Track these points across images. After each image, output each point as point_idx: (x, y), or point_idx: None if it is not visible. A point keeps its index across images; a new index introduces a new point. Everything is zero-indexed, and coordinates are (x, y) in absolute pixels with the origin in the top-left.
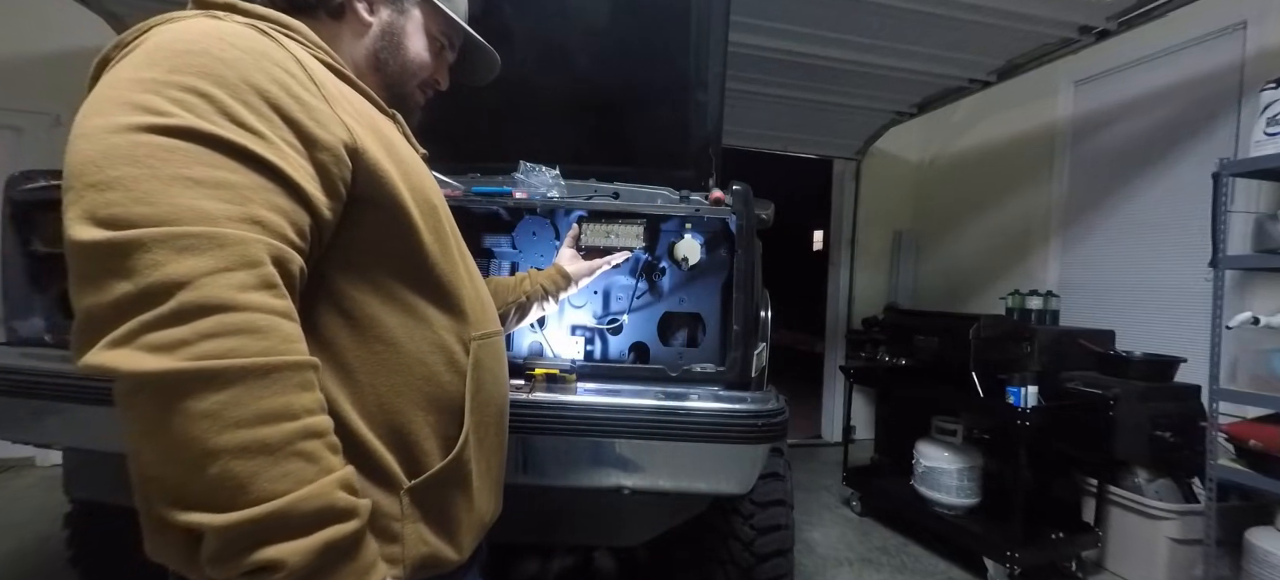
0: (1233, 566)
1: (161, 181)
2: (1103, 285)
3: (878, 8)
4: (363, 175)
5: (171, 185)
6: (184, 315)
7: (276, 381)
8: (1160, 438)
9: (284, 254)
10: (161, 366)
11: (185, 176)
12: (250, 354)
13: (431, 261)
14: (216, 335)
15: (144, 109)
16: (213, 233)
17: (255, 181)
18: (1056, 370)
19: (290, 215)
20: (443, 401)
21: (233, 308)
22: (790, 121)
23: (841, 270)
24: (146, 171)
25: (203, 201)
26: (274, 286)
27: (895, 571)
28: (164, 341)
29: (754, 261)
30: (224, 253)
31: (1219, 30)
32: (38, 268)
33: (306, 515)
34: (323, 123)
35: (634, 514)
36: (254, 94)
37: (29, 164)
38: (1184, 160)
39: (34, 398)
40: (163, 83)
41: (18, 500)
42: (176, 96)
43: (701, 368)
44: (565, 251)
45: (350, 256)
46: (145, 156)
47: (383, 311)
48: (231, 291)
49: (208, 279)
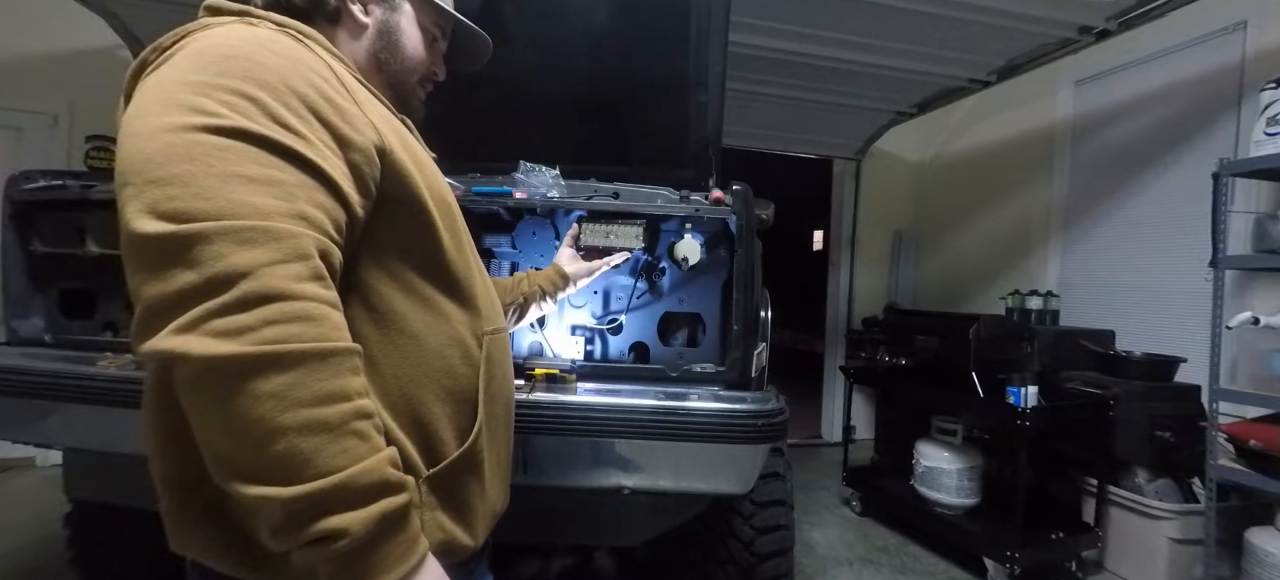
0: (1233, 566)
1: (218, 178)
2: (1103, 285)
3: (878, 8)
4: (390, 174)
5: (227, 182)
6: (247, 303)
7: (332, 365)
8: (1160, 438)
9: (328, 248)
10: (230, 350)
11: (239, 174)
12: (308, 339)
13: (449, 258)
14: (277, 322)
15: (196, 110)
16: (268, 227)
17: (300, 179)
18: (1056, 370)
19: (331, 212)
20: (458, 393)
21: (290, 296)
22: (790, 121)
23: (841, 270)
24: (203, 168)
25: (256, 197)
26: (322, 278)
27: (895, 571)
28: (230, 327)
29: (754, 261)
30: (279, 245)
31: (1219, 30)
32: (38, 268)
33: (365, 488)
34: (354, 125)
35: (634, 514)
36: (294, 97)
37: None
38: (1184, 160)
39: (34, 398)
40: (211, 85)
41: (18, 500)
42: (226, 99)
43: (701, 368)
44: (564, 251)
45: (377, 252)
46: (201, 155)
47: (406, 305)
48: (288, 282)
49: (267, 269)
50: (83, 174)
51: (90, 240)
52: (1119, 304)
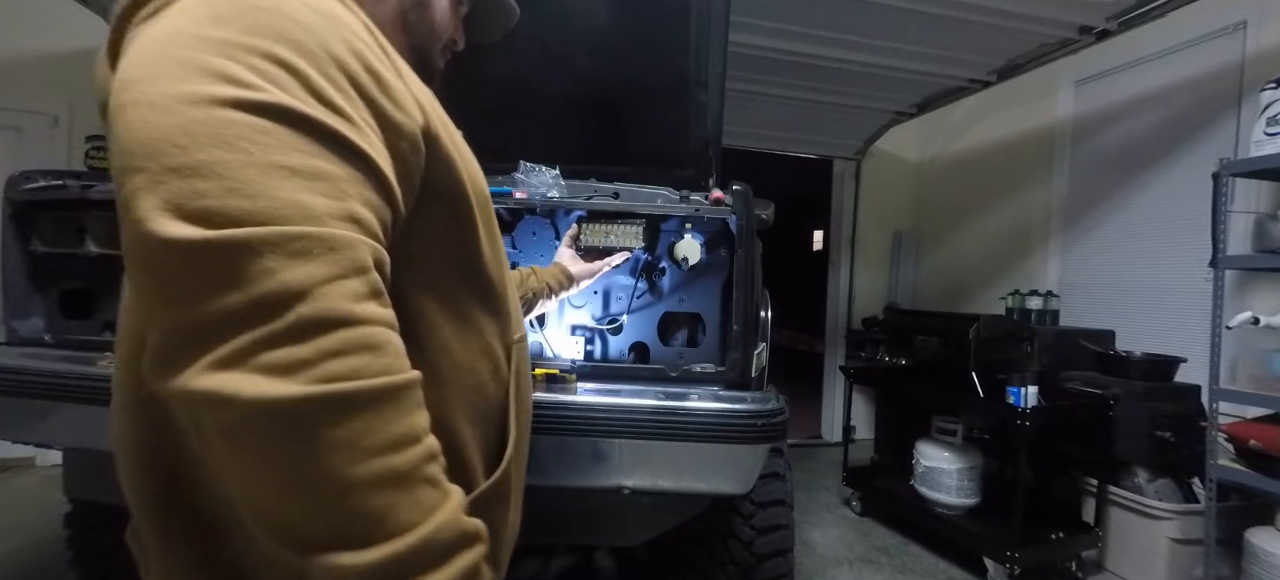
0: (1233, 566)
1: (259, 170)
2: (1103, 285)
3: (878, 8)
4: (435, 164)
5: (270, 175)
6: (305, 331)
7: (402, 402)
8: (1160, 438)
9: (382, 256)
10: (289, 392)
11: (283, 165)
12: (375, 374)
13: (485, 260)
14: (341, 354)
15: (224, 77)
16: (324, 234)
17: (348, 172)
18: (1056, 370)
19: (379, 211)
20: (487, 413)
21: (353, 321)
22: (790, 121)
23: (841, 270)
24: (241, 157)
25: (306, 196)
26: (381, 294)
27: (895, 571)
28: (285, 362)
29: (754, 261)
30: (337, 257)
31: (1219, 30)
32: (38, 268)
33: (445, 544)
34: (400, 103)
35: (634, 514)
36: (335, 67)
37: (29, 164)
38: (1184, 160)
39: (34, 398)
40: (239, 46)
41: (18, 500)
42: (259, 66)
43: (701, 368)
44: (565, 251)
45: (411, 254)
46: (236, 138)
47: (439, 316)
48: (349, 302)
49: (326, 288)
50: (83, 174)
51: (90, 240)
52: (1119, 304)
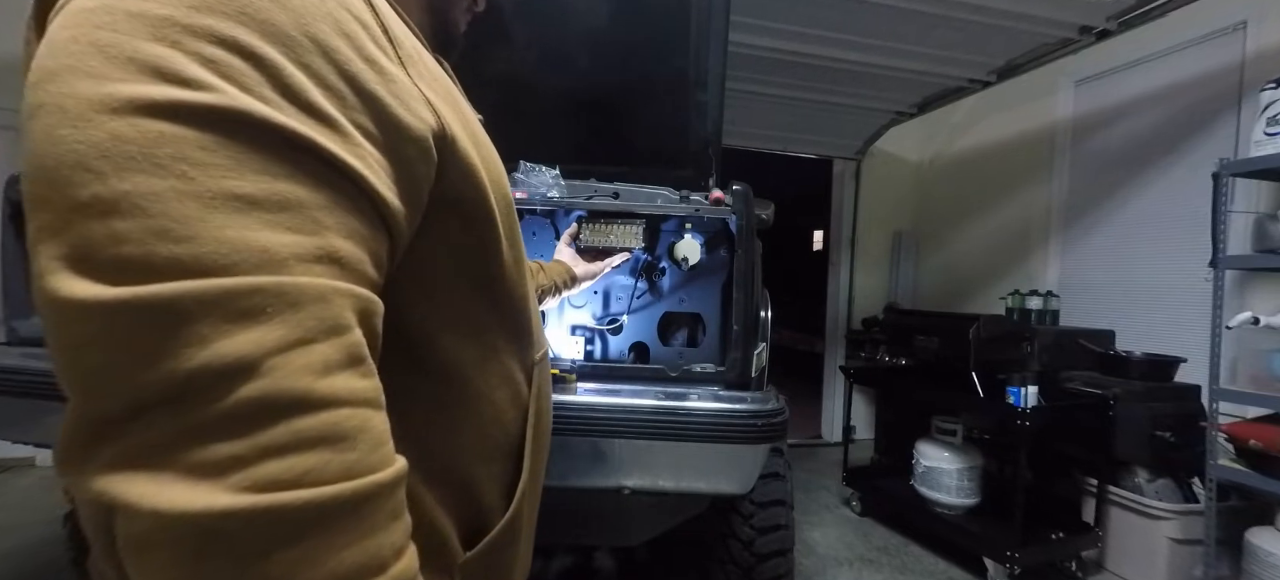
0: (1233, 566)
1: (200, 202)
2: (1103, 285)
3: (878, 8)
4: (452, 172)
5: (215, 209)
6: (241, 421)
7: (366, 517)
8: (1160, 438)
9: (369, 305)
10: (211, 504)
11: (235, 193)
12: (332, 478)
13: (507, 276)
14: (289, 451)
15: (159, 73)
16: (284, 285)
17: (326, 197)
18: (1056, 370)
19: (370, 243)
20: (504, 446)
21: (311, 405)
22: (790, 121)
23: (841, 270)
24: (175, 185)
25: (263, 234)
26: (361, 362)
27: (895, 571)
28: (213, 461)
29: (754, 261)
30: (298, 317)
31: (1219, 30)
32: None
33: None
34: (406, 100)
35: (634, 514)
36: (319, 54)
37: None
38: (1184, 160)
39: (34, 398)
40: (183, 27)
41: (18, 500)
42: (209, 55)
43: (701, 368)
44: (565, 250)
45: (421, 276)
46: (171, 159)
47: (454, 345)
48: (308, 379)
49: (278, 360)
50: None
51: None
52: (1119, 304)
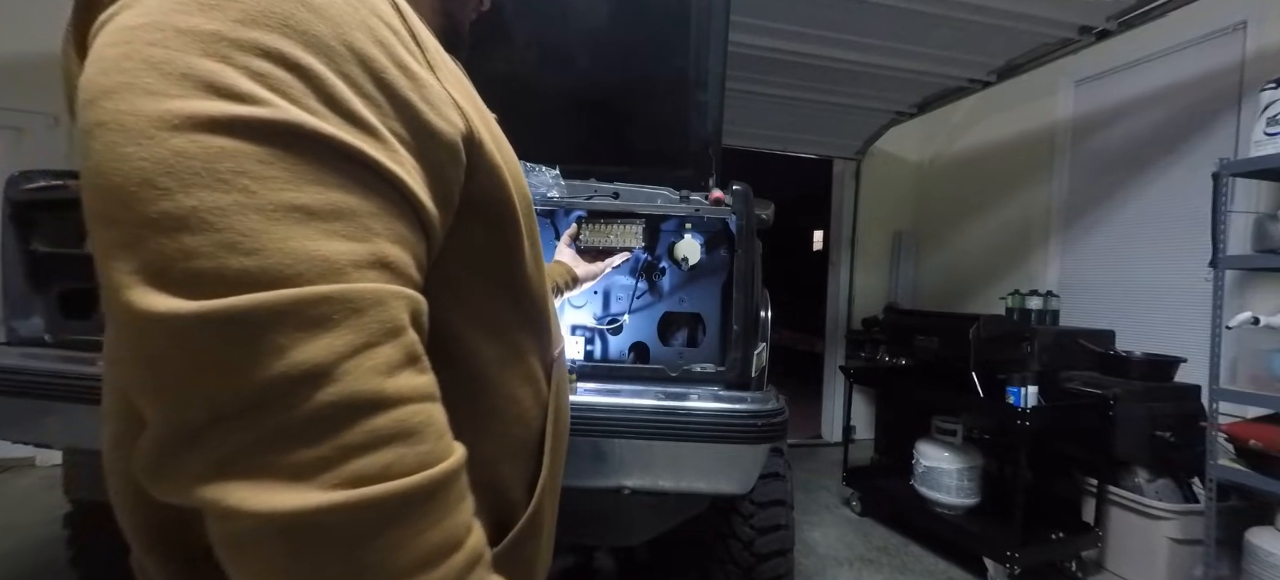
0: (1233, 566)
1: (263, 215)
2: (1103, 285)
3: (878, 8)
4: (480, 174)
5: (278, 221)
6: (325, 423)
7: (440, 501)
8: (1160, 438)
9: (418, 306)
10: (305, 503)
11: (294, 205)
12: (409, 469)
13: (528, 275)
14: (369, 448)
15: (212, 87)
16: (348, 293)
17: (374, 204)
18: (1056, 370)
19: (413, 247)
20: (528, 443)
21: (383, 404)
22: (790, 121)
23: (841, 270)
24: (239, 199)
25: (324, 245)
26: (418, 359)
27: (895, 571)
28: (300, 464)
29: (754, 261)
30: (363, 321)
31: (1219, 30)
32: (38, 268)
33: None
34: (437, 106)
35: (634, 514)
36: (357, 64)
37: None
38: (1184, 160)
39: (34, 398)
40: (232, 42)
41: (18, 500)
42: (259, 69)
43: (701, 368)
44: (565, 250)
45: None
46: (232, 174)
47: (482, 345)
48: (378, 380)
49: (350, 364)
50: None
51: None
52: (1119, 304)
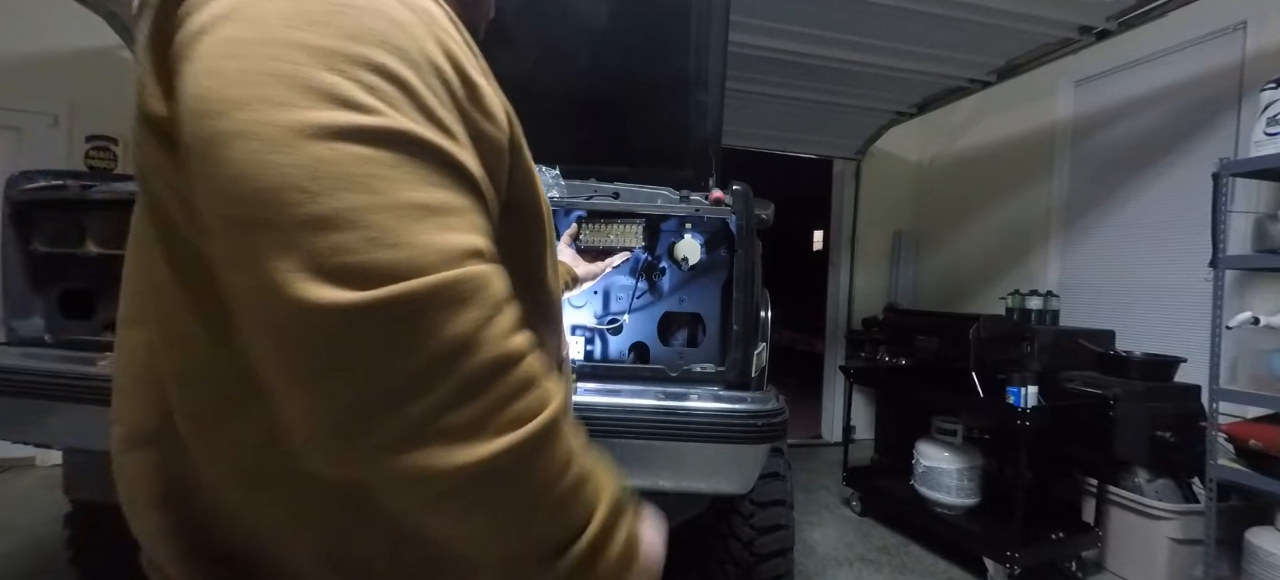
0: (1233, 566)
1: (395, 213)
2: (1103, 285)
3: (878, 8)
4: (517, 173)
5: (406, 217)
6: (478, 384)
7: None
8: (1160, 438)
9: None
10: (481, 453)
11: (415, 203)
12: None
13: (547, 273)
14: (513, 399)
15: (335, 99)
16: (468, 274)
17: (467, 199)
18: (1056, 370)
19: (489, 235)
20: None
21: (514, 361)
22: (790, 121)
23: (841, 270)
24: (374, 199)
25: (442, 236)
26: (520, 321)
27: (895, 571)
28: (471, 421)
29: (754, 261)
30: (483, 296)
31: (1219, 30)
32: (38, 268)
33: (621, 495)
34: (491, 113)
35: None
36: (435, 75)
37: (29, 164)
38: (1184, 160)
39: (34, 398)
40: (344, 56)
41: (18, 500)
42: (369, 82)
43: (701, 368)
44: (565, 250)
45: None
46: (366, 178)
47: None
48: (506, 341)
49: (485, 333)
50: (83, 174)
51: (90, 240)
52: (1119, 304)
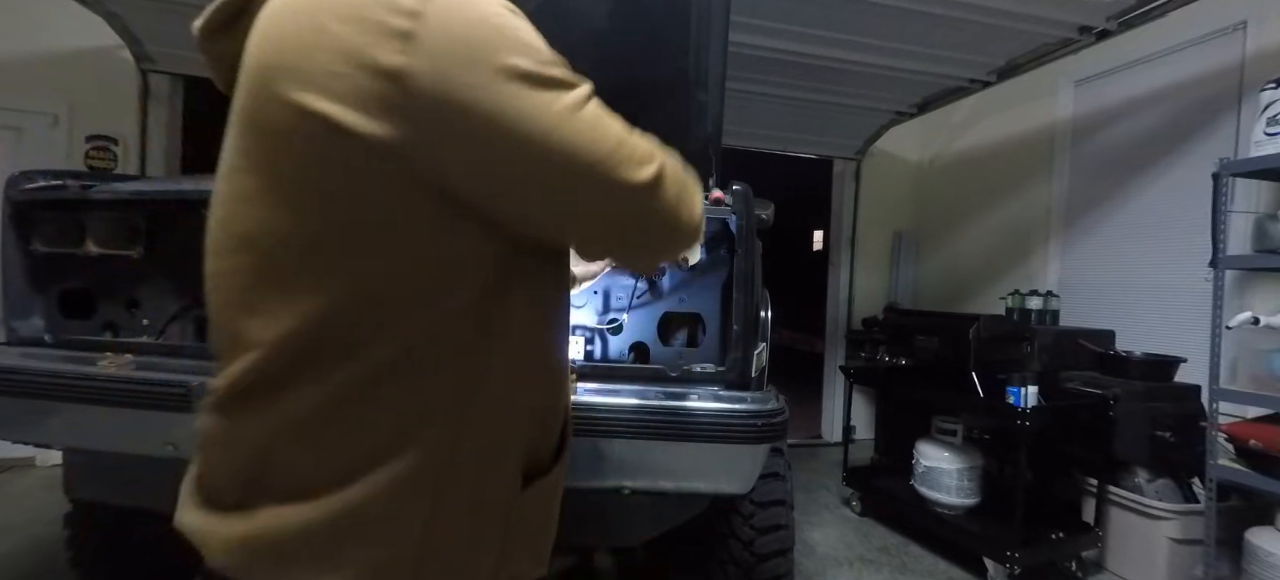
0: (1233, 566)
1: (624, 130)
2: (1103, 285)
3: (878, 8)
4: None
5: (627, 133)
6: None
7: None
8: (1160, 438)
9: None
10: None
11: (620, 126)
12: (668, 165)
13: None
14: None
15: (553, 83)
16: (661, 152)
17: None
18: (1056, 370)
19: None
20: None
21: (680, 174)
22: (790, 121)
23: (841, 270)
24: (617, 126)
25: (641, 140)
26: (669, 164)
27: (895, 571)
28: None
29: (754, 261)
30: (666, 158)
31: (1219, 30)
32: (38, 268)
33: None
34: None
35: (634, 514)
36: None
37: (29, 164)
38: (1184, 160)
39: (34, 398)
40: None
41: (18, 500)
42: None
43: (701, 368)
44: None
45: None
46: (596, 116)
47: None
48: (673, 164)
49: (667, 167)
50: (83, 174)
51: (90, 240)
52: (1119, 304)
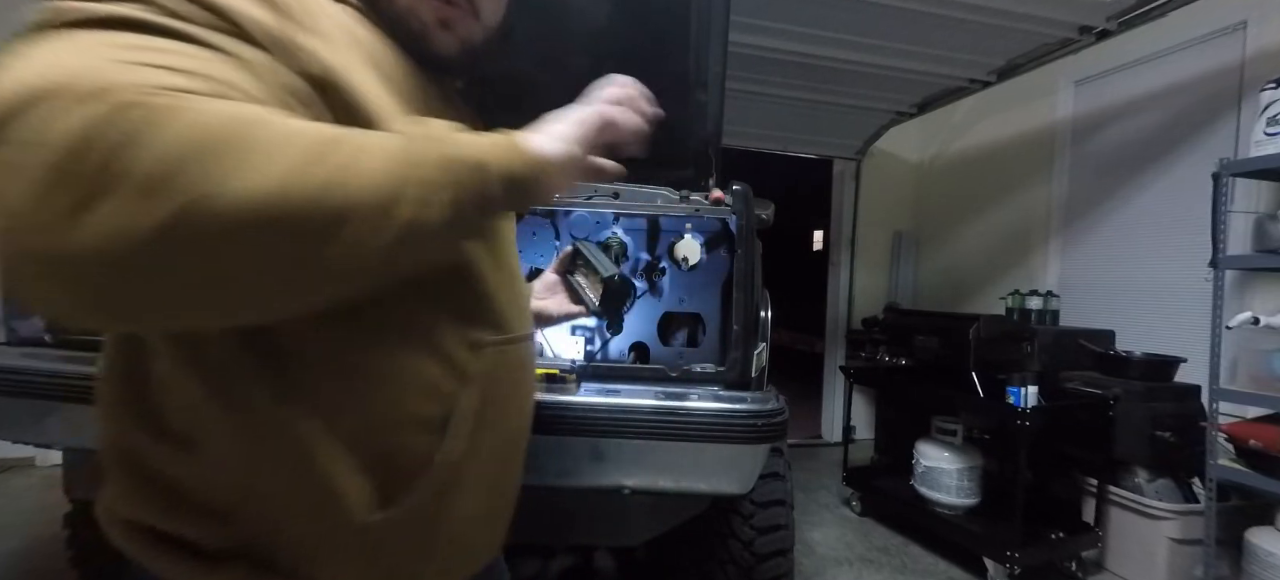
0: (1233, 566)
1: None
2: (1103, 285)
3: (878, 8)
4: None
5: None
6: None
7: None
8: (1160, 438)
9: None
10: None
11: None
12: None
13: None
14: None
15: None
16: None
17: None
18: (1056, 370)
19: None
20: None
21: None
22: (790, 121)
23: (841, 270)
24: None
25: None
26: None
27: (895, 571)
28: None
29: (754, 261)
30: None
31: (1219, 30)
32: None
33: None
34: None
35: (634, 514)
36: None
37: None
38: (1184, 160)
39: (34, 398)
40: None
41: (18, 500)
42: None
43: (701, 368)
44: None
45: None
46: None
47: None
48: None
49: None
50: None
51: None
52: (1119, 304)
